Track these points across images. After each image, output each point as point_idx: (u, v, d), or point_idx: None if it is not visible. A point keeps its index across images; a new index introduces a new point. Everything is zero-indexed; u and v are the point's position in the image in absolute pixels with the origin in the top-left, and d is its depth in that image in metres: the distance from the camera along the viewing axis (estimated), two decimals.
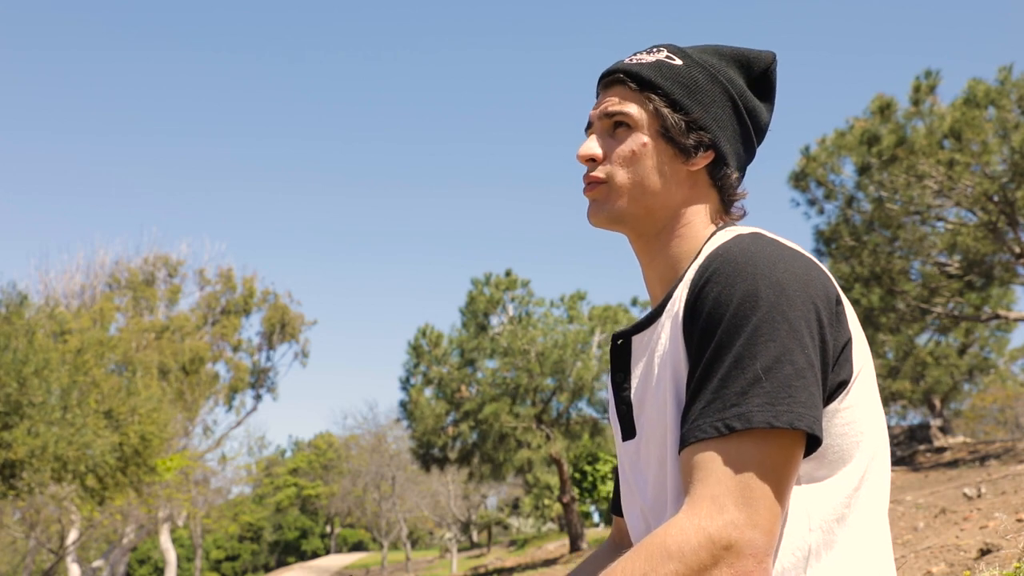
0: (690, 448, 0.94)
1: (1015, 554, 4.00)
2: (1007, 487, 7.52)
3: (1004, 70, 11.41)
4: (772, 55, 1.17)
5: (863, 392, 1.02)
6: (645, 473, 1.10)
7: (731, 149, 1.13)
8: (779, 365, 0.92)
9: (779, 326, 0.93)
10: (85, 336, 13.53)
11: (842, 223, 13.34)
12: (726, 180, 1.14)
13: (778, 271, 0.96)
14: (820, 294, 0.98)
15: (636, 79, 1.13)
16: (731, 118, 1.14)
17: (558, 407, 18.46)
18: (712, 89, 1.13)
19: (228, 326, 26.39)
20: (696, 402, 0.95)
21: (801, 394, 0.91)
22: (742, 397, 0.91)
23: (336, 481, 44.04)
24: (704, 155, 1.12)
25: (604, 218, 1.14)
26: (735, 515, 0.88)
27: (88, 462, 11.32)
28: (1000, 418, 27.29)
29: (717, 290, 0.97)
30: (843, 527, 0.99)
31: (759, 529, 0.88)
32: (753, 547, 0.88)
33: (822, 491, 0.99)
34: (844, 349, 1.00)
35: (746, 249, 0.99)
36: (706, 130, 1.11)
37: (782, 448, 0.91)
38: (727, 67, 1.15)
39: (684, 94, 1.12)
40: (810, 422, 0.91)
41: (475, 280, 18.95)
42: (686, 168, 1.12)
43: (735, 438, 0.91)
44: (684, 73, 1.13)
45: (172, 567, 24.40)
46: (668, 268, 1.14)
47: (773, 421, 0.90)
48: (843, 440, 1.00)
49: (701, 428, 0.92)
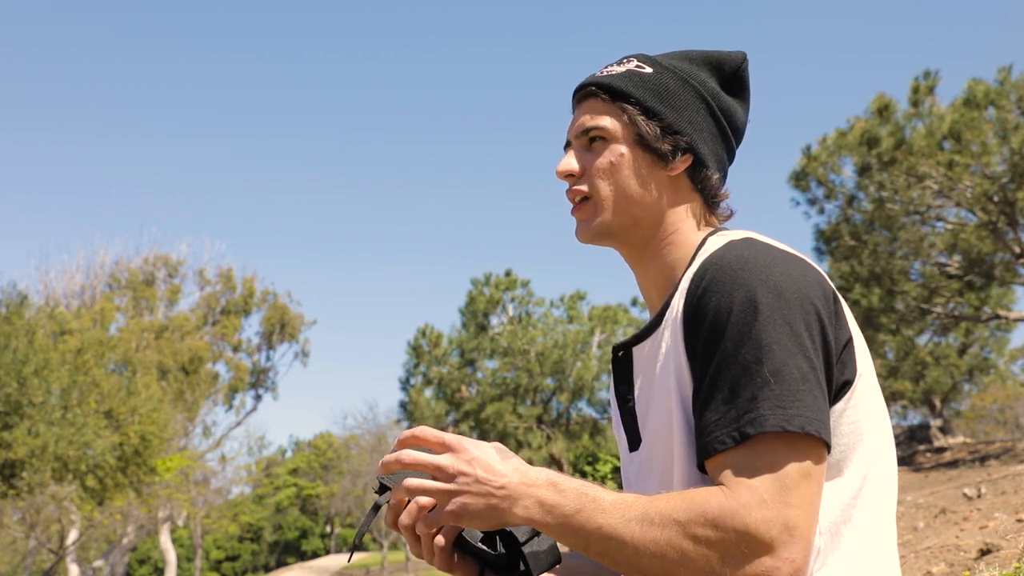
0: (711, 460, 0.95)
1: (1015, 554, 4.00)
2: (1007, 487, 7.51)
3: (1004, 70, 11.40)
4: (742, 54, 1.18)
5: (866, 391, 1.02)
6: (649, 482, 1.10)
7: (709, 150, 1.14)
8: (785, 369, 0.92)
9: (780, 330, 0.94)
10: (85, 336, 13.53)
11: (842, 223, 13.32)
12: (707, 182, 1.14)
13: (774, 275, 0.97)
14: (818, 294, 0.98)
15: (608, 90, 1.14)
16: (706, 120, 1.14)
17: (558, 407, 18.47)
18: (684, 93, 1.14)
19: (228, 326, 26.38)
20: (709, 413, 0.95)
21: (807, 398, 0.92)
22: (752, 403, 0.92)
23: (336, 481, 44.00)
24: (683, 159, 1.13)
25: (592, 233, 1.15)
26: (775, 513, 0.89)
27: (88, 462, 11.31)
28: (1000, 418, 27.24)
29: (716, 299, 0.97)
30: (849, 528, 0.99)
31: (798, 534, 0.89)
32: (791, 552, 0.89)
33: (828, 492, 0.99)
34: (846, 347, 1.00)
35: (740, 255, 1.00)
36: (681, 134, 1.12)
37: (796, 451, 0.92)
38: (698, 70, 1.16)
39: (656, 100, 1.13)
40: (818, 426, 0.92)
41: (475, 280, 18.97)
42: (666, 174, 1.13)
43: (751, 444, 0.92)
44: (655, 80, 1.14)
45: (172, 567, 24.39)
46: (663, 276, 1.15)
47: (785, 424, 0.90)
48: (848, 439, 1.00)
49: (719, 440, 0.93)
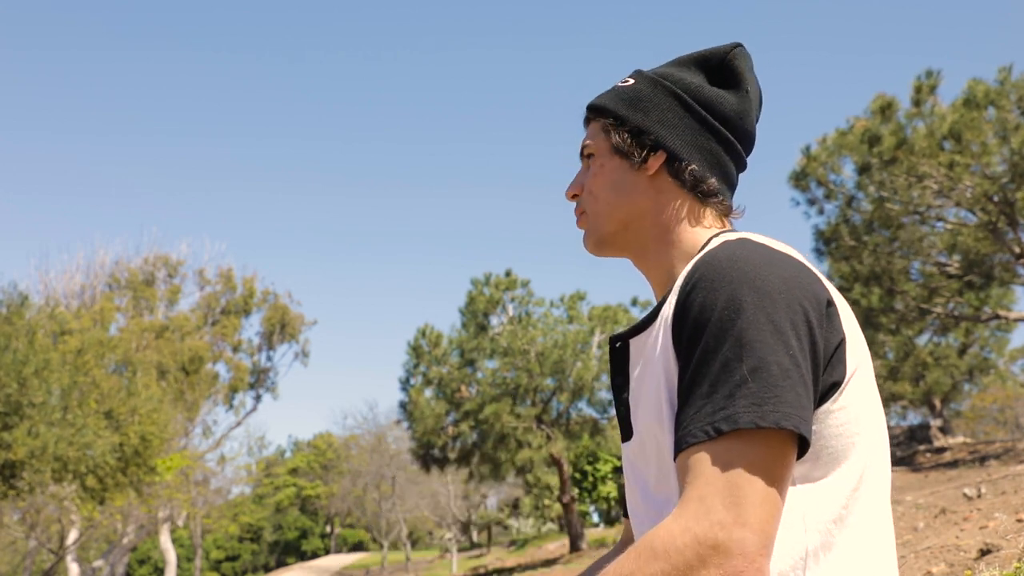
0: (683, 453, 0.94)
1: (1015, 554, 4.00)
2: (1007, 487, 7.52)
3: (1004, 70, 11.41)
4: (732, 44, 1.20)
5: (858, 392, 1.02)
6: (644, 474, 1.12)
7: (684, 143, 1.15)
8: (765, 366, 0.92)
9: (764, 328, 0.94)
10: (85, 336, 13.54)
11: (842, 223, 13.33)
12: (683, 174, 1.15)
13: (763, 275, 0.97)
14: (808, 296, 0.98)
15: (593, 110, 1.23)
16: (680, 115, 1.16)
17: (558, 407, 18.46)
18: (653, 94, 1.18)
19: (228, 326, 26.39)
20: (687, 408, 0.95)
21: (787, 394, 0.92)
22: (729, 400, 0.92)
23: (336, 481, 44.05)
24: (655, 157, 1.16)
25: (593, 244, 1.23)
26: (722, 515, 0.88)
27: (88, 462, 11.31)
28: (1000, 418, 27.26)
29: (702, 296, 0.98)
30: (842, 528, 0.99)
31: (748, 528, 0.88)
32: (742, 546, 0.87)
33: (818, 492, 0.99)
34: (836, 350, 1.00)
35: (731, 254, 1.00)
36: (648, 133, 1.16)
37: (770, 448, 0.91)
38: (680, 71, 1.20)
39: (625, 108, 1.18)
40: (796, 422, 0.91)
41: (475, 280, 18.97)
42: (643, 175, 1.16)
43: (723, 440, 0.91)
44: (629, 90, 1.20)
45: (172, 567, 24.40)
46: (664, 274, 1.17)
47: (759, 421, 0.90)
48: (838, 440, 1.00)
49: (692, 433, 0.93)
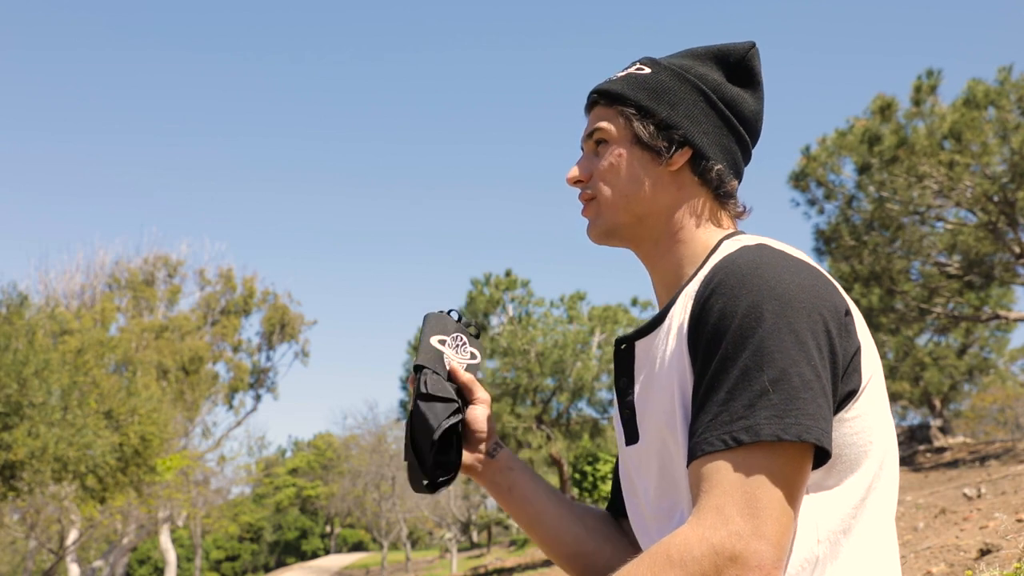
0: (697, 461, 0.93)
1: (1015, 554, 4.00)
2: (1007, 487, 7.52)
3: (1004, 70, 11.40)
4: (749, 43, 1.17)
5: (872, 400, 1.01)
6: (647, 478, 1.10)
7: (710, 141, 1.13)
8: (786, 377, 0.90)
9: (785, 338, 0.92)
10: (85, 336, 13.53)
11: (842, 223, 13.31)
12: (709, 173, 1.13)
13: (784, 283, 0.95)
14: (828, 305, 0.97)
15: (606, 96, 1.17)
16: (706, 112, 1.14)
17: (558, 407, 18.45)
18: (679, 88, 1.14)
19: (228, 326, 26.37)
20: (703, 415, 0.94)
21: (809, 406, 0.90)
22: (749, 410, 0.90)
23: (336, 481, 43.97)
24: (681, 153, 1.13)
25: (599, 233, 1.17)
26: (740, 526, 0.87)
27: (88, 462, 11.29)
28: (1000, 418, 27.26)
29: (722, 302, 0.96)
30: (848, 538, 0.98)
31: (765, 540, 0.87)
32: (759, 558, 0.86)
33: (830, 500, 0.98)
34: (853, 359, 0.99)
35: (751, 260, 0.98)
36: (676, 128, 1.12)
37: (790, 460, 0.90)
38: (700, 65, 1.16)
39: (650, 98, 1.14)
40: (818, 434, 0.90)
41: (475, 280, 18.93)
42: (666, 170, 1.13)
43: (743, 451, 0.90)
44: (650, 79, 1.15)
45: (172, 567, 24.39)
46: (671, 273, 1.14)
47: (781, 434, 0.89)
48: (852, 449, 0.99)
49: (708, 441, 0.92)
